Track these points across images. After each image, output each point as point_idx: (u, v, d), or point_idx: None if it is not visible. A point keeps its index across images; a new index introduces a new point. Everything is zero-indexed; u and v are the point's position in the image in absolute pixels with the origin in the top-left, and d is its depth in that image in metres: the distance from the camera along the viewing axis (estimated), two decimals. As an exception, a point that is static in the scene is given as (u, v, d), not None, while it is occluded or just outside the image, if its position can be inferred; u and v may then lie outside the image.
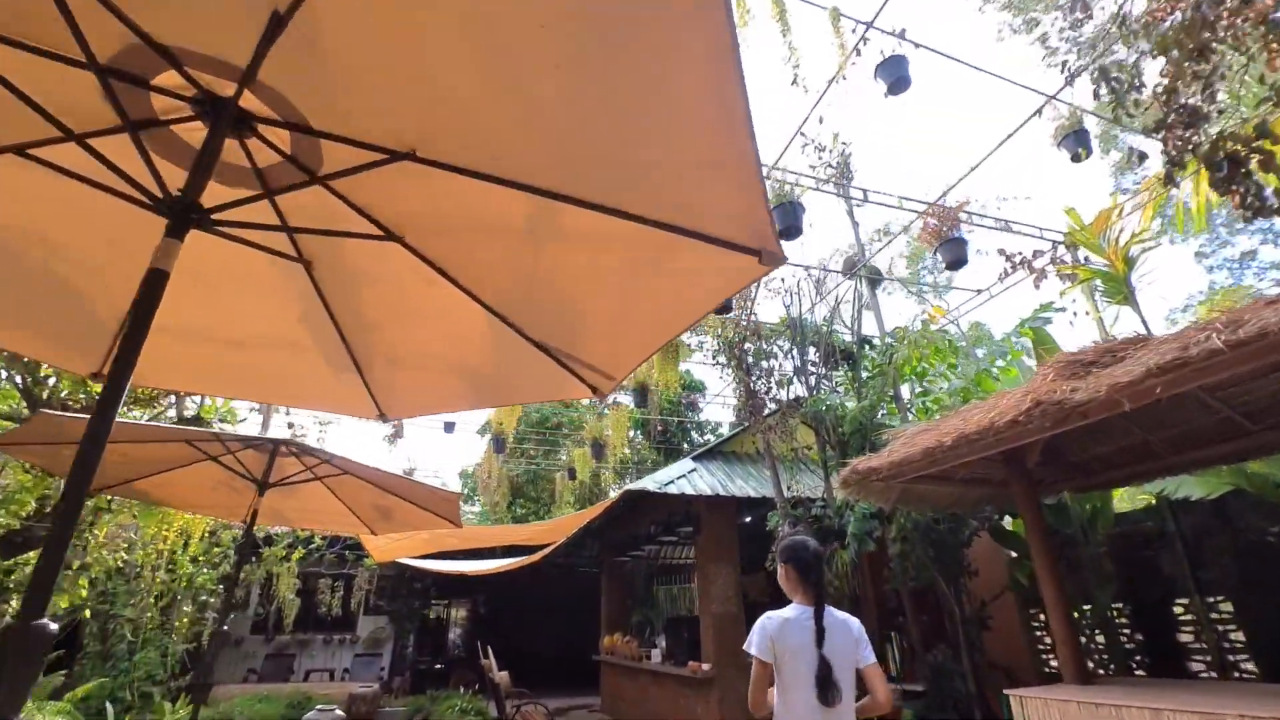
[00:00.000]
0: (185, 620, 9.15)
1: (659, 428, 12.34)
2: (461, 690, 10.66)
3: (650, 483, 6.30)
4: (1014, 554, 5.73)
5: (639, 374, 7.87)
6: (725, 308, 6.44)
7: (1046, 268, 4.98)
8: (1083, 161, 6.26)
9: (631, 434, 11.42)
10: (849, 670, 2.26)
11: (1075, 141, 6.22)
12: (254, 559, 10.09)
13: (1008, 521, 5.94)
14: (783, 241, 2.44)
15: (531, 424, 15.32)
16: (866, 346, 6.72)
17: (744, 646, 2.37)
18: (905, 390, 6.63)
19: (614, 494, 7.92)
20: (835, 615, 2.36)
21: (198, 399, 8.26)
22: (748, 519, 7.89)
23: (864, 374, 6.43)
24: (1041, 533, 4.41)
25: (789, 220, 6.12)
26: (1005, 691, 4.07)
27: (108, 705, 7.16)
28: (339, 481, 4.88)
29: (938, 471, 4.35)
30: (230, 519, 5.98)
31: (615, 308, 2.12)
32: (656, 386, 8.13)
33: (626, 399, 9.74)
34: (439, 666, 14.74)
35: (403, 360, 2.62)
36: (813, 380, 6.43)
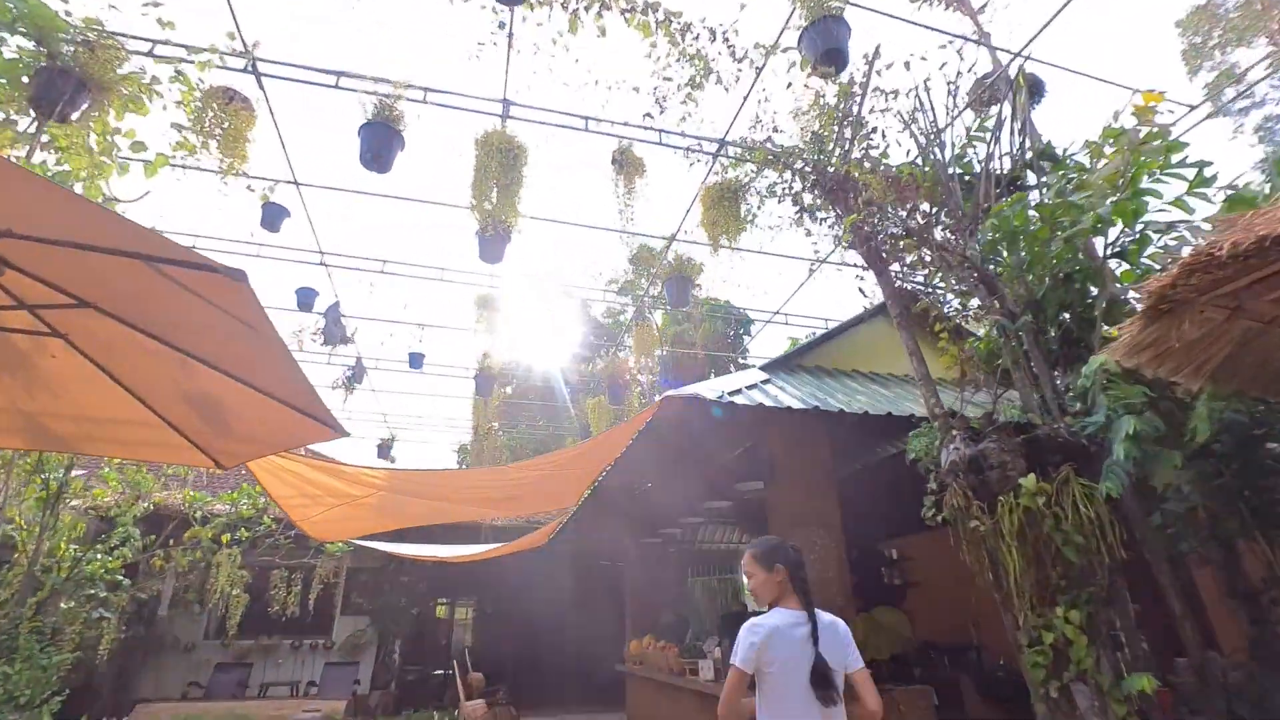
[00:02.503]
0: (79, 623, 6.89)
1: (699, 351, 9.71)
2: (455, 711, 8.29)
3: (705, 389, 3.80)
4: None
5: (674, 263, 5.46)
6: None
7: None
8: None
9: (662, 353, 8.95)
10: (839, 675, 2.17)
11: None
12: (170, 543, 7.78)
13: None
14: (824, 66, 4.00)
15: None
16: (1042, 169, 4.12)
17: (731, 660, 2.20)
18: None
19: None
20: (823, 617, 2.27)
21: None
22: (857, 465, 5.38)
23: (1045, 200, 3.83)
24: None
25: (830, 42, 4.16)
26: None
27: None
28: (104, 346, 2.60)
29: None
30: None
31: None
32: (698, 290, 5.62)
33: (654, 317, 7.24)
34: (439, 672, 12.41)
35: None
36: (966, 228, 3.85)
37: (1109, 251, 3.39)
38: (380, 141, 3.89)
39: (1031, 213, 3.45)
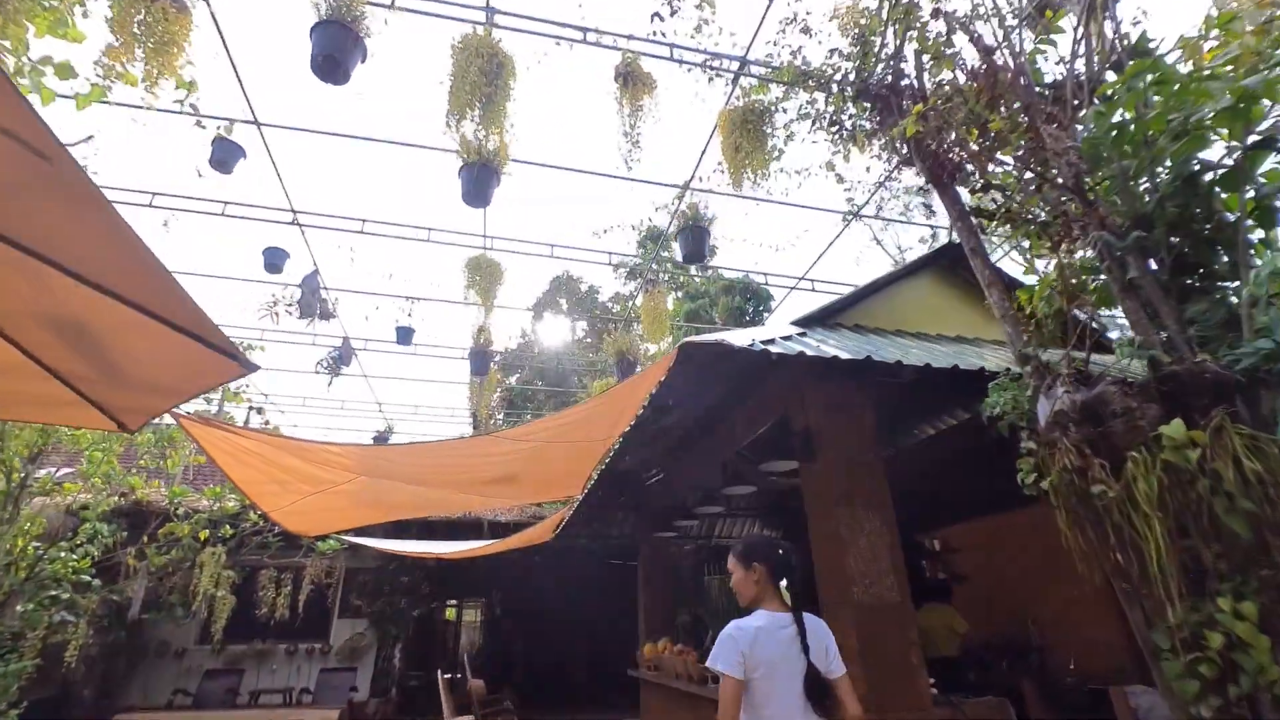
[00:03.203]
0: (42, 628, 6.32)
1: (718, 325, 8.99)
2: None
3: (732, 337, 3.10)
4: None
5: (689, 211, 4.76)
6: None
7: None
8: None
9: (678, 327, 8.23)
10: (828, 682, 2.10)
11: None
12: (145, 540, 7.20)
13: None
14: None
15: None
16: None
17: (708, 663, 2.10)
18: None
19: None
20: (808, 619, 2.18)
21: None
22: (891, 449, 4.66)
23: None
24: None
25: None
26: None
27: None
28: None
29: None
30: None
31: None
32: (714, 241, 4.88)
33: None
34: (450, 676, 11.79)
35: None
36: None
37: (1248, 142, 2.66)
38: (335, 43, 3.25)
39: (1154, 97, 2.72)
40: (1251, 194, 2.58)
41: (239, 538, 8.65)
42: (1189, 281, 2.86)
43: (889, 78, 3.47)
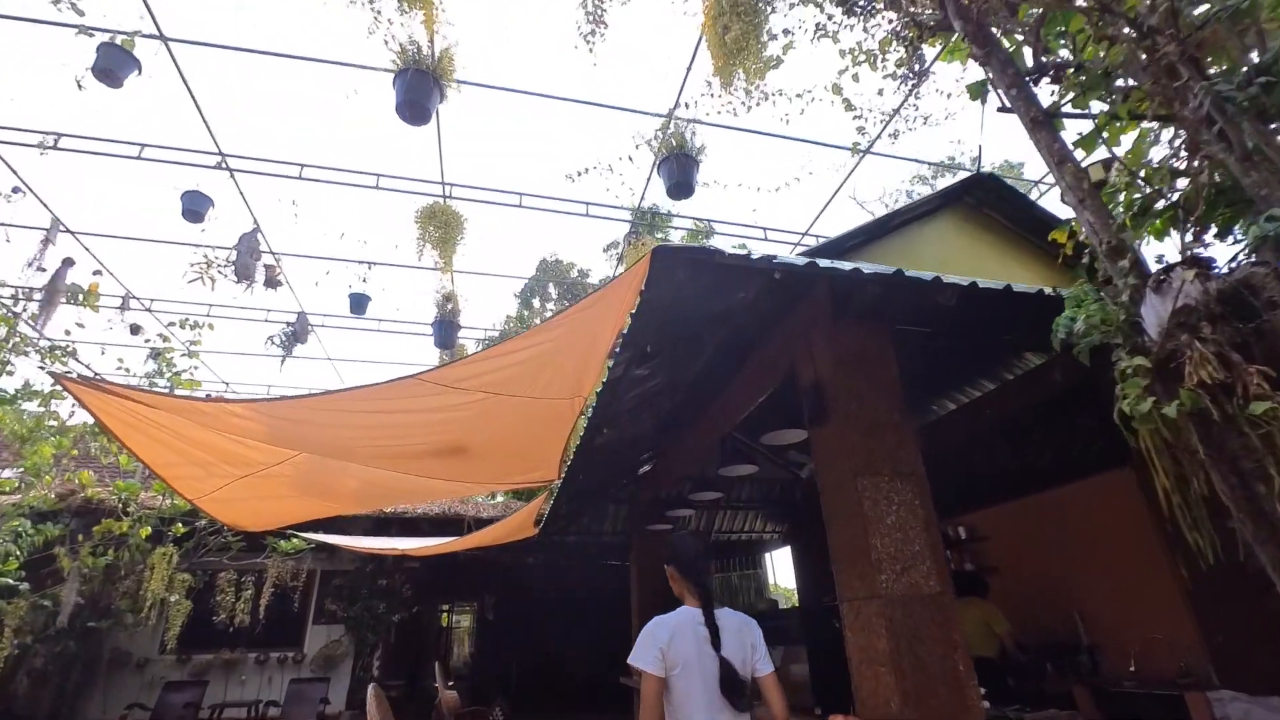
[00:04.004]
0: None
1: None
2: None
3: (720, 249, 2.38)
4: None
5: (674, 136, 4.07)
6: None
7: None
8: None
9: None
10: (745, 679, 2.04)
11: None
12: (81, 538, 6.51)
13: None
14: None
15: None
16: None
17: (629, 660, 2.08)
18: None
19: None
20: (731, 616, 2.17)
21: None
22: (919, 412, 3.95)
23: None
24: None
25: None
26: None
27: None
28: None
29: None
30: None
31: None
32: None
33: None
34: (447, 686, 11.02)
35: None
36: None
37: None
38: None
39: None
40: None
41: (197, 538, 7.97)
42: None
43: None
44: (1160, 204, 2.16)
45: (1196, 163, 1.99)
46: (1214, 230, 2.08)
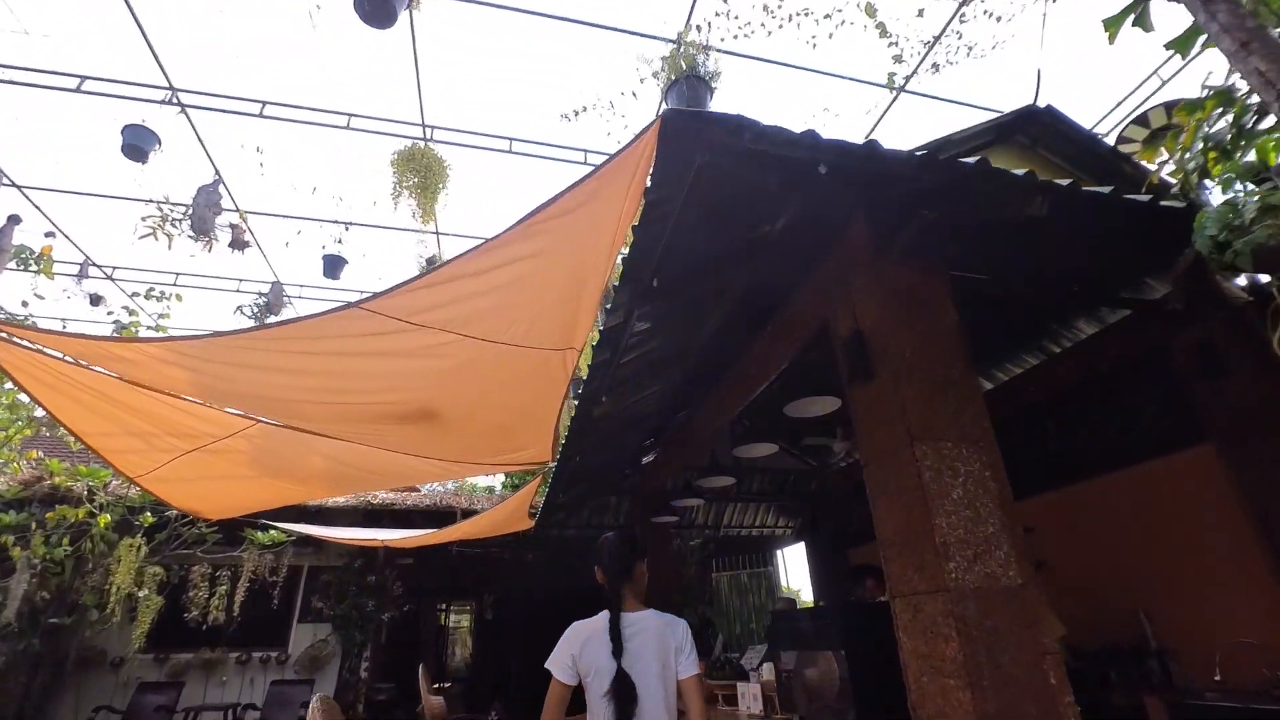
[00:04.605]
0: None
1: None
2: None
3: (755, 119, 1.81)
4: None
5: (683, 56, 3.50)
6: None
7: None
8: None
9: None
10: (660, 685, 1.94)
11: None
12: (34, 527, 6.00)
13: None
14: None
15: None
16: None
17: (546, 664, 2.02)
18: None
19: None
20: (647, 620, 2.05)
21: None
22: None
23: None
24: None
25: None
26: None
27: None
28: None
29: None
30: None
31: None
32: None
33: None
34: (432, 690, 10.50)
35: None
36: None
37: None
38: None
39: None
40: None
41: (170, 529, 7.45)
42: None
43: None
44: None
45: None
46: None
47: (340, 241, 5.43)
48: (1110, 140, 4.43)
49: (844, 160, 1.87)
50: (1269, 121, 1.79)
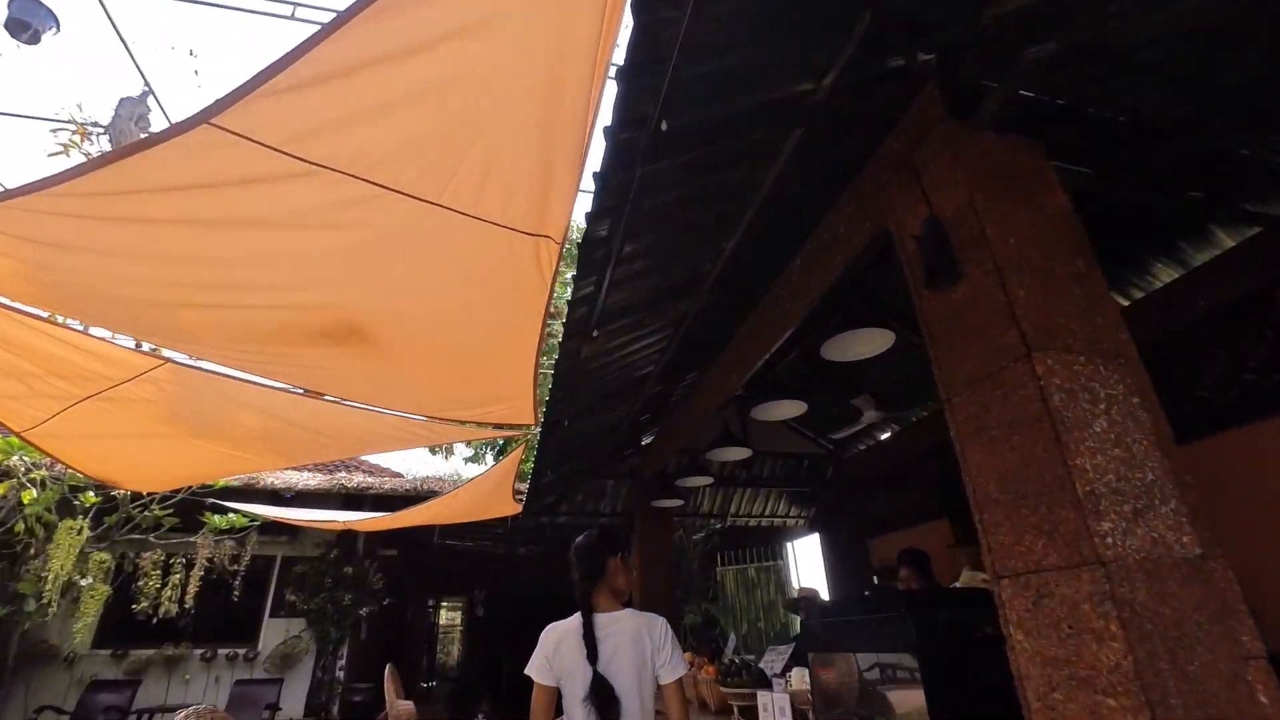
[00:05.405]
0: None
1: None
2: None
3: None
4: None
5: None
6: None
7: None
8: None
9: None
10: (636, 688, 1.82)
11: None
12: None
13: None
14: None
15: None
16: None
17: (526, 670, 1.94)
18: None
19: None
20: (623, 620, 1.91)
21: None
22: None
23: None
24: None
25: None
26: None
27: None
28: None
29: None
30: None
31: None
32: None
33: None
34: (401, 695, 9.74)
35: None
36: None
37: None
38: None
39: None
40: None
41: (122, 511, 6.75)
42: None
43: None
44: None
45: None
46: None
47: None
48: None
49: None
50: None
